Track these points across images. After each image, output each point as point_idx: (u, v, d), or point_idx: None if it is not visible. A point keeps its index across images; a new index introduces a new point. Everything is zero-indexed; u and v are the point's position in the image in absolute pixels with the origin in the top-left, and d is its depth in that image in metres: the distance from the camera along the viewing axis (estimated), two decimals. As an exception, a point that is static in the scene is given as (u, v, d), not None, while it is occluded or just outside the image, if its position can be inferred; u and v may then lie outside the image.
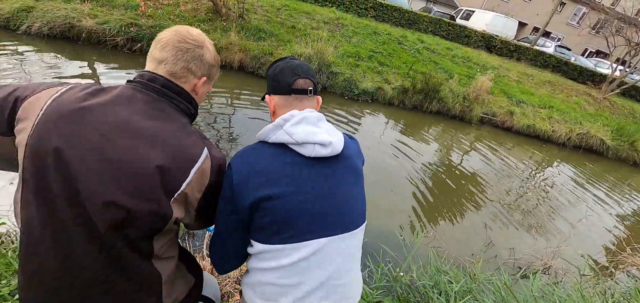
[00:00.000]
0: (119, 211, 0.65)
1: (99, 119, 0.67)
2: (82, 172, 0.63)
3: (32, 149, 0.64)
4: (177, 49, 0.79)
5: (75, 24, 5.67)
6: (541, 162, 7.02)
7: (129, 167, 0.66)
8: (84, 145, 0.64)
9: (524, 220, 4.33)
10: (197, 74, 0.84)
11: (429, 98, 7.53)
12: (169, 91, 0.78)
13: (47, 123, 0.65)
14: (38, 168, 0.64)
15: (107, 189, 0.64)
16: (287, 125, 0.86)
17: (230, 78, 6.28)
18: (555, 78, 12.39)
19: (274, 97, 0.97)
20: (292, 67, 0.95)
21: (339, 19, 9.78)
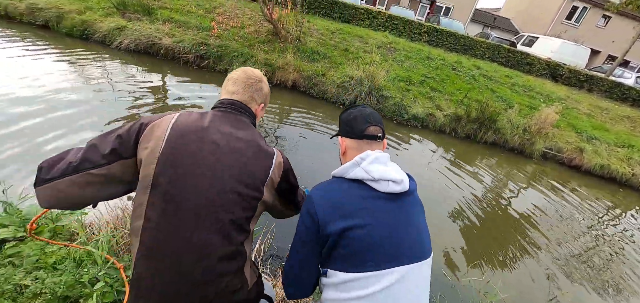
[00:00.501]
0: (234, 195, 0.91)
1: (213, 132, 0.95)
2: (208, 170, 0.89)
3: (166, 159, 0.88)
4: (245, 84, 1.13)
5: (157, 41, 6.48)
6: (617, 209, 6.19)
7: (238, 163, 0.94)
8: (207, 150, 0.91)
9: (595, 275, 3.84)
10: (258, 101, 1.17)
11: (485, 127, 7.13)
12: (244, 111, 1.09)
13: (178, 138, 0.90)
14: (172, 172, 0.87)
15: (226, 180, 0.90)
16: (364, 163, 0.98)
17: (283, 96, 6.61)
18: (636, 113, 10.96)
19: (346, 139, 1.12)
20: (364, 115, 1.10)
21: (392, 43, 9.82)
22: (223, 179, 0.90)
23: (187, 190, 0.86)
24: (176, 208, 0.85)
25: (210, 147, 0.92)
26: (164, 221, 0.85)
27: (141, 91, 5.03)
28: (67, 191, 0.87)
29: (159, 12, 7.38)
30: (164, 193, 0.85)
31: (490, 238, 4.01)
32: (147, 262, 0.86)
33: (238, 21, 7.87)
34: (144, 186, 0.87)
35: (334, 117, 6.23)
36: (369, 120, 1.08)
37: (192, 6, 8.16)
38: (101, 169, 0.88)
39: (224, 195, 0.89)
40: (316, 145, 4.91)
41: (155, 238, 0.85)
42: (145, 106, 4.56)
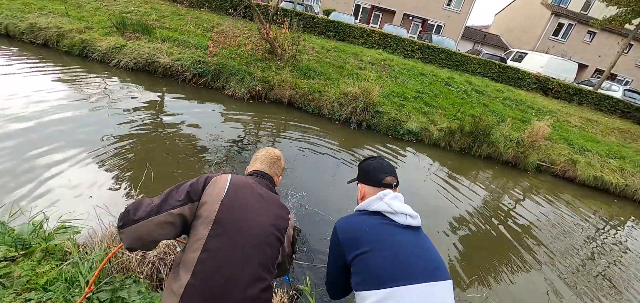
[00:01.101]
0: (271, 237, 1.16)
1: (257, 188, 1.28)
2: (257, 215, 1.16)
3: (227, 201, 1.12)
4: (269, 162, 1.53)
5: (155, 60, 6.55)
6: (613, 220, 6.23)
7: (273, 212, 1.24)
8: (255, 200, 1.21)
9: (594, 288, 3.83)
10: (278, 174, 1.56)
11: (479, 141, 7.22)
12: (269, 181, 1.44)
13: (235, 189, 1.19)
14: (231, 213, 1.10)
15: (267, 223, 1.17)
16: (387, 198, 1.18)
17: (280, 112, 6.66)
18: (625, 125, 11.19)
19: (365, 186, 1.33)
20: (382, 167, 1.33)
21: (386, 60, 10.01)
22: (266, 222, 1.16)
23: (242, 228, 1.09)
24: (232, 242, 1.05)
25: (257, 198, 1.22)
26: (219, 252, 1.02)
27: (138, 107, 5.06)
28: (151, 229, 1.02)
29: (158, 32, 7.49)
30: (223, 229, 1.06)
31: (487, 252, 3.99)
32: (199, 290, 0.97)
33: (235, 40, 8.00)
34: (206, 222, 1.07)
35: (329, 132, 6.28)
36: (386, 171, 1.30)
37: (190, 26, 8.30)
38: (177, 209, 1.07)
39: (266, 235, 1.14)
40: (314, 161, 4.93)
41: (211, 268, 1.00)
42: (141, 122, 4.57)
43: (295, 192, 3.92)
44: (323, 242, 3.21)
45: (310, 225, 3.40)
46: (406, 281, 0.98)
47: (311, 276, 2.60)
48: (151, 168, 3.52)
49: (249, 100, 6.71)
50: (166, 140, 4.34)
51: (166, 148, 4.16)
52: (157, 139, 4.32)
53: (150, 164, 3.60)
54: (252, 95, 6.80)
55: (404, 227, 1.13)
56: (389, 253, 1.03)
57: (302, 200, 3.80)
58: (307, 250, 3.05)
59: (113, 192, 3.15)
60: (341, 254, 1.12)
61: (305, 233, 3.26)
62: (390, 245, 1.06)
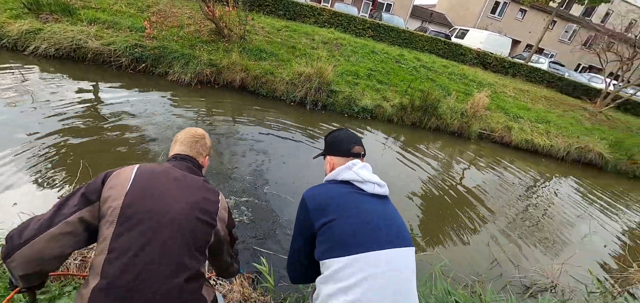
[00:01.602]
0: (195, 222, 1.04)
1: (173, 172, 1.14)
2: (173, 201, 1.02)
3: (134, 193, 0.98)
4: (191, 142, 1.34)
5: (82, 45, 5.78)
6: (541, 177, 7.05)
7: (195, 195, 1.10)
8: (170, 185, 1.07)
9: (528, 236, 4.32)
10: (203, 154, 1.38)
11: (428, 115, 7.61)
12: (192, 163, 1.29)
13: (144, 178, 1.04)
14: (140, 204, 0.97)
15: (189, 208, 1.04)
16: (355, 168, 1.19)
17: (231, 97, 6.35)
18: (550, 93, 12.59)
19: (334, 158, 1.31)
20: (350, 137, 1.32)
21: (338, 39, 9.99)
22: (185, 206, 1.03)
23: (154, 218, 0.96)
24: (144, 235, 0.93)
25: (172, 182, 1.08)
26: (128, 249, 0.91)
27: (67, 99, 4.44)
28: (44, 247, 0.88)
29: (82, 12, 6.59)
30: (131, 222, 0.94)
31: (440, 215, 4.28)
32: (107, 292, 0.87)
33: (176, 21, 7.36)
34: (110, 220, 0.94)
35: (285, 114, 6.16)
36: (354, 141, 1.30)
37: (121, 5, 7.43)
38: (74, 216, 0.93)
39: (188, 220, 1.02)
40: (271, 144, 4.80)
41: (119, 267, 0.88)
42: (72, 115, 4.04)
43: (254, 178, 3.79)
44: (282, 224, 3.17)
45: (268, 210, 3.33)
46: (371, 247, 0.99)
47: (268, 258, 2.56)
48: (88, 166, 3.15)
49: (196, 86, 6.28)
50: (105, 133, 3.90)
51: (105, 141, 3.74)
52: (93, 132, 3.85)
53: (85, 160, 3.22)
54: (199, 80, 6.36)
55: (372, 195, 1.15)
56: (355, 221, 1.04)
57: (261, 184, 3.70)
58: (263, 234, 2.98)
59: (43, 195, 2.77)
60: (309, 224, 1.10)
61: (262, 218, 3.19)
62: (357, 212, 1.06)
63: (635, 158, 8.89)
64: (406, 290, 0.99)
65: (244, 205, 3.32)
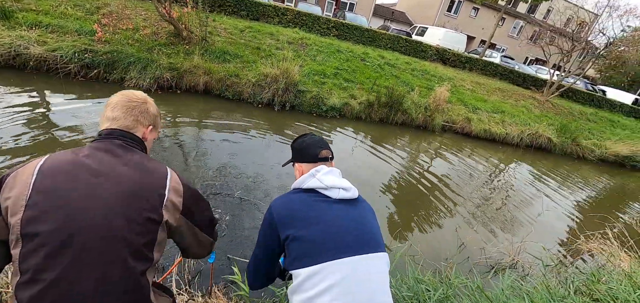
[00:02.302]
0: (125, 222, 0.82)
1: (90, 164, 0.86)
2: (89, 202, 0.80)
3: (35, 203, 0.77)
4: (126, 107, 1.02)
5: (22, 51, 5.25)
6: (500, 163, 7.54)
7: (124, 187, 0.86)
8: (84, 183, 0.82)
9: (491, 219, 4.59)
10: (144, 124, 1.06)
11: (394, 110, 7.84)
12: (126, 139, 0.99)
13: (48, 180, 0.80)
14: (45, 216, 0.76)
15: (113, 207, 0.82)
16: (319, 174, 1.15)
17: (196, 101, 6.10)
18: (503, 85, 13.51)
19: (302, 164, 1.28)
20: (315, 142, 1.28)
21: (303, 39, 9.98)
22: (108, 210, 0.81)
23: (67, 232, 0.76)
24: (58, 256, 0.75)
25: (88, 179, 0.83)
26: (41, 271, 0.74)
27: (8, 114, 3.98)
28: None
29: (20, 16, 5.98)
30: (39, 243, 0.75)
31: (410, 206, 4.42)
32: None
33: (130, 23, 6.92)
34: (14, 239, 0.77)
35: (253, 116, 6.04)
36: (320, 145, 1.26)
37: (67, 7, 6.85)
38: None
39: (113, 224, 0.81)
40: (241, 148, 4.67)
41: (34, 295, 0.74)
42: (20, 133, 3.64)
43: (224, 183, 3.66)
44: (255, 229, 3.09)
45: (239, 215, 3.23)
46: (336, 255, 0.98)
47: (241, 265, 2.48)
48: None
49: (157, 91, 5.95)
50: (55, 149, 3.56)
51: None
52: (39, 149, 3.50)
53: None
54: (160, 85, 6.03)
55: (338, 201, 1.12)
56: (320, 229, 1.03)
57: (231, 189, 3.58)
58: (235, 240, 2.89)
59: None
60: (274, 234, 1.09)
61: (234, 224, 3.09)
62: (323, 220, 1.05)
63: (578, 141, 9.81)
64: (378, 297, 0.99)
65: (215, 213, 3.19)
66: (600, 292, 2.21)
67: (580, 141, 9.92)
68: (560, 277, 3.04)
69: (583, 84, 17.44)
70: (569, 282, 2.56)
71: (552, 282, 2.63)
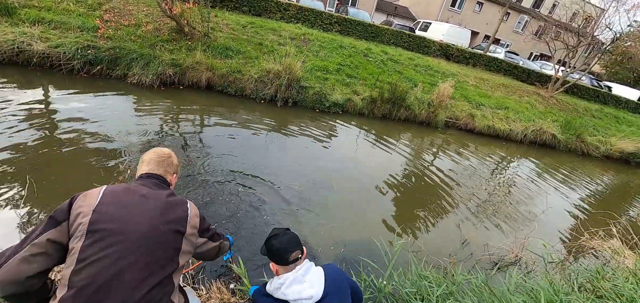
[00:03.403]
0: (162, 232, 1.10)
1: (140, 190, 1.20)
2: (139, 214, 1.09)
3: (101, 210, 1.04)
4: (157, 162, 1.41)
5: (25, 48, 5.26)
6: (503, 160, 7.50)
7: (161, 207, 1.16)
8: (137, 200, 1.14)
9: (494, 215, 4.57)
10: (171, 172, 1.45)
11: (397, 106, 7.80)
12: (159, 180, 1.35)
13: (111, 196, 1.11)
14: (108, 218, 1.03)
15: (155, 219, 1.11)
16: (283, 287, 1.34)
17: (198, 97, 6.11)
18: (507, 81, 13.40)
19: (276, 265, 1.42)
20: (284, 245, 1.39)
21: (305, 35, 9.93)
22: (152, 219, 1.09)
23: (121, 231, 1.02)
24: (111, 247, 0.98)
25: (139, 199, 1.14)
26: (96, 261, 0.95)
27: (12, 109, 4.00)
28: (15, 268, 0.93)
29: (23, 12, 5.99)
30: (99, 236, 0.99)
31: (413, 202, 4.41)
32: (77, 299, 0.91)
33: (132, 19, 6.91)
34: (79, 235, 0.99)
35: (256, 112, 6.04)
36: (289, 249, 1.38)
37: (69, 3, 6.85)
38: (42, 237, 0.99)
39: (155, 232, 1.07)
40: (245, 143, 4.67)
41: (86, 277, 0.93)
42: (19, 127, 3.65)
43: (226, 179, 3.67)
44: (257, 225, 3.10)
45: (242, 211, 3.24)
46: None
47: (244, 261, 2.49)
48: (33, 181, 2.87)
49: (159, 87, 5.95)
50: (61, 145, 3.57)
51: (62, 154, 3.43)
52: (44, 145, 3.52)
53: (33, 177, 2.93)
54: (162, 81, 6.04)
55: None
56: None
57: (234, 185, 3.59)
58: (238, 236, 2.90)
59: None
60: None
61: (237, 220, 3.09)
62: None
63: (582, 137, 9.73)
64: None
65: (218, 207, 3.20)
66: (605, 289, 2.20)
67: (585, 137, 9.83)
68: (564, 274, 3.03)
69: (588, 79, 17.28)
70: (573, 279, 2.55)
71: (556, 278, 2.61)
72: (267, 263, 2.65)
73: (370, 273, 2.31)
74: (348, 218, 3.62)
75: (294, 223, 3.26)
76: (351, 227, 3.49)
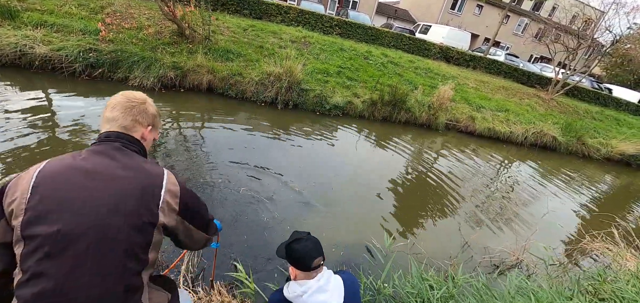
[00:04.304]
0: (120, 225, 0.84)
1: (88, 167, 0.89)
2: (85, 206, 0.83)
3: (34, 207, 0.80)
4: (124, 107, 1.03)
5: (28, 51, 5.29)
6: (504, 162, 7.49)
7: (120, 191, 0.87)
8: (81, 186, 0.85)
9: (494, 218, 4.56)
10: (144, 124, 1.08)
11: (397, 109, 7.81)
12: (124, 142, 1.00)
13: (46, 184, 0.84)
14: (44, 218, 0.80)
15: (109, 211, 0.84)
16: (305, 296, 1.28)
17: (199, 100, 6.13)
18: (507, 83, 13.41)
19: (296, 270, 1.36)
20: (308, 251, 1.33)
21: (306, 37, 9.96)
22: (104, 211, 0.84)
23: (67, 231, 0.80)
24: (55, 258, 0.78)
25: (85, 183, 0.86)
26: (39, 273, 0.77)
27: (14, 112, 4.02)
28: None
29: (26, 15, 6.03)
30: (35, 246, 0.78)
31: (413, 205, 4.40)
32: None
33: (134, 22, 6.95)
34: (16, 241, 0.82)
35: (256, 115, 6.05)
36: (313, 256, 1.32)
37: (71, 7, 6.89)
38: None
39: (109, 227, 0.83)
40: (246, 145, 4.68)
41: (31, 293, 0.77)
42: (26, 133, 3.67)
43: (227, 180, 3.67)
44: (260, 226, 3.10)
45: (244, 213, 3.24)
46: None
47: (245, 263, 2.48)
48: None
49: (160, 90, 5.98)
50: (63, 148, 3.59)
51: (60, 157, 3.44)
52: (49, 147, 3.53)
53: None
54: (163, 84, 6.07)
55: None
56: None
57: (235, 186, 3.59)
58: (240, 238, 2.90)
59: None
60: None
61: (238, 222, 3.09)
62: None
63: (583, 139, 9.72)
64: None
65: (217, 209, 3.20)
66: (607, 292, 2.19)
67: (586, 140, 9.82)
68: (566, 277, 3.02)
69: (589, 82, 17.27)
70: (574, 282, 2.54)
71: (557, 281, 2.61)
72: (272, 268, 2.67)
73: (370, 274, 2.31)
74: (348, 221, 3.62)
75: (294, 226, 3.26)
76: (351, 229, 3.49)
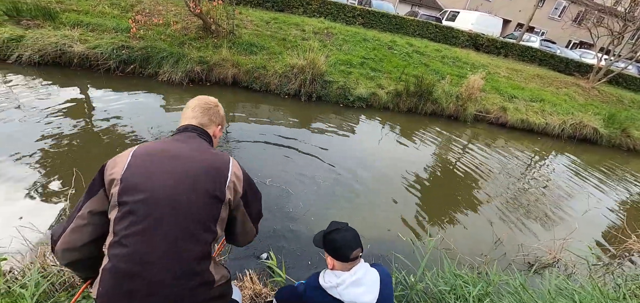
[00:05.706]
0: (197, 197, 1.00)
1: (172, 149, 1.09)
2: (170, 179, 1.00)
3: (129, 177, 0.98)
4: (202, 109, 1.29)
5: (67, 50, 5.61)
6: (538, 155, 7.08)
7: (197, 169, 1.05)
8: (168, 162, 1.04)
9: (528, 214, 4.33)
10: (216, 122, 1.33)
11: (423, 100, 7.57)
12: (200, 134, 1.23)
13: (139, 160, 1.03)
14: (136, 187, 0.97)
15: (188, 185, 1.01)
16: (340, 288, 1.29)
17: (225, 93, 6.25)
18: (543, 71, 12.62)
19: (334, 260, 1.37)
20: (347, 242, 1.34)
21: (328, 28, 9.86)
22: (182, 187, 0.99)
23: (152, 202, 0.95)
24: (144, 220, 0.94)
25: (170, 160, 1.04)
26: (129, 234, 0.92)
27: (56, 107, 4.29)
28: (71, 238, 0.99)
29: (64, 16, 6.39)
30: (128, 210, 0.94)
31: (441, 198, 4.27)
32: (113, 274, 0.92)
33: (161, 19, 7.18)
34: (112, 207, 0.98)
35: (280, 107, 6.09)
36: (351, 247, 1.33)
37: (104, 6, 7.22)
38: (83, 210, 1.01)
39: (185, 199, 0.98)
40: (271, 137, 4.73)
41: (121, 251, 0.92)
42: (63, 123, 3.92)
43: (254, 171, 3.73)
44: (286, 216, 3.12)
45: (271, 203, 3.28)
46: None
47: (277, 252, 2.51)
48: (80, 173, 3.06)
49: (188, 84, 6.15)
50: (98, 140, 3.80)
51: (99, 148, 3.65)
52: (85, 139, 3.75)
53: (78, 169, 3.12)
54: (191, 78, 6.24)
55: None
56: None
57: (262, 177, 3.64)
58: (269, 227, 2.94)
59: (41, 207, 2.75)
60: None
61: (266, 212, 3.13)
62: None
63: (628, 131, 8.98)
64: None
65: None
66: (660, 296, 2.01)
67: (631, 131, 9.06)
68: (609, 278, 2.82)
69: (636, 68, 15.89)
70: (620, 283, 2.36)
71: (601, 282, 2.43)
72: (298, 257, 2.69)
73: (401, 270, 2.26)
74: (374, 213, 3.57)
75: (319, 218, 3.26)
76: (378, 222, 3.44)
